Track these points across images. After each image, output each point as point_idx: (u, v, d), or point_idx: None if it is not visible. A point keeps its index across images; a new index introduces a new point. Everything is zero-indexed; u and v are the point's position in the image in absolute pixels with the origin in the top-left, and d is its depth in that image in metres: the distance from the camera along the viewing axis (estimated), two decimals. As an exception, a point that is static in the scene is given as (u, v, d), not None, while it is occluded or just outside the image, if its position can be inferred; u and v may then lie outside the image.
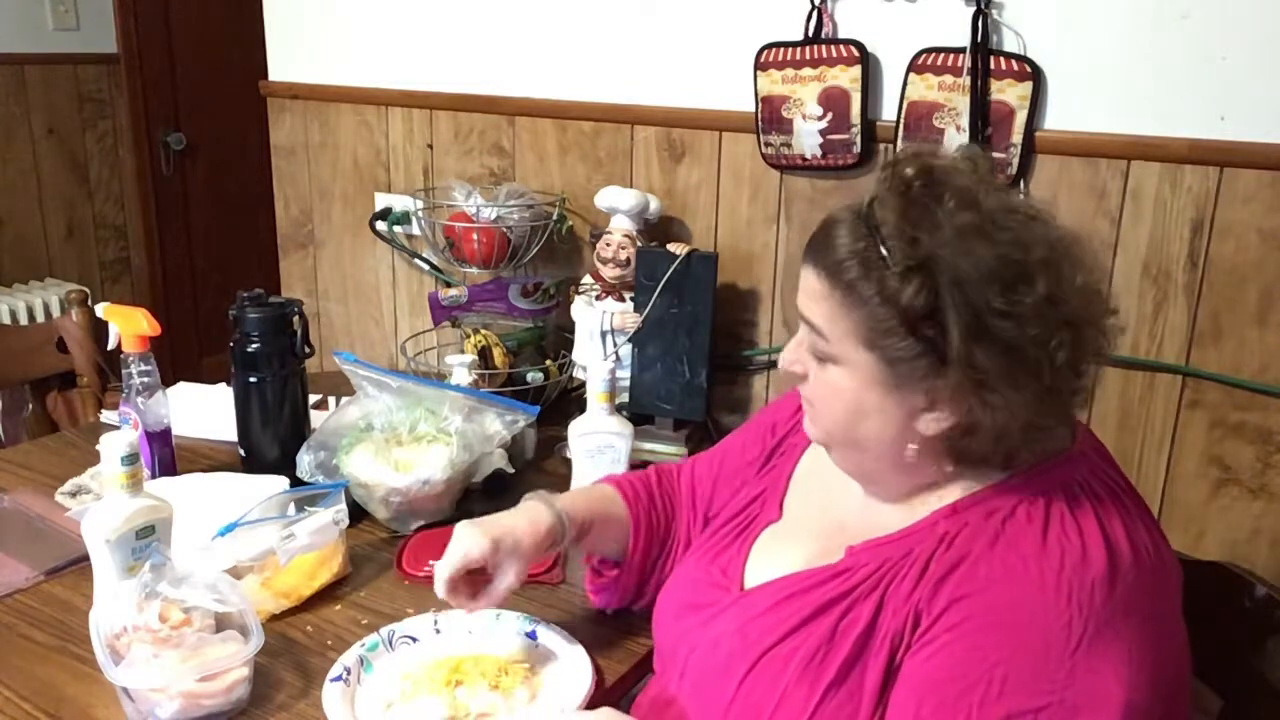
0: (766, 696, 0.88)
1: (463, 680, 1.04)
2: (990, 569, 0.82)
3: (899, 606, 0.85)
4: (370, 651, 1.10)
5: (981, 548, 0.84)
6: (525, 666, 1.08)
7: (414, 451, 1.40)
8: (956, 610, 0.82)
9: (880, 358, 0.84)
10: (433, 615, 1.15)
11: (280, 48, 2.26)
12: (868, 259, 0.83)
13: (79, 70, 3.52)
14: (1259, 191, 1.39)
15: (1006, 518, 0.84)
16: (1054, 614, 0.79)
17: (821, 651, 0.87)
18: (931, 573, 0.84)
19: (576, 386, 1.80)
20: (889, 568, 0.88)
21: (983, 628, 0.81)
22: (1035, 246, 0.82)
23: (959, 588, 0.83)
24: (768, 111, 1.66)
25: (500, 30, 1.95)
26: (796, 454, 1.07)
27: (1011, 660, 0.79)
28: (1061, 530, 0.82)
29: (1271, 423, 1.44)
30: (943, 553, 0.85)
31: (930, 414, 0.86)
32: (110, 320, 1.46)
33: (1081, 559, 0.80)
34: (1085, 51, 1.45)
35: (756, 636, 0.92)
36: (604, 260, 1.74)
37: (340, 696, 1.03)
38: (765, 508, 1.06)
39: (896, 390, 0.85)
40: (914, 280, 0.80)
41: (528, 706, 1.03)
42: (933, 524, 0.88)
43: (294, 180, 2.31)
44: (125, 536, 1.09)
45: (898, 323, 0.82)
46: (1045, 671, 0.78)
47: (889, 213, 0.83)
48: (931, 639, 0.83)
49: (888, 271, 0.81)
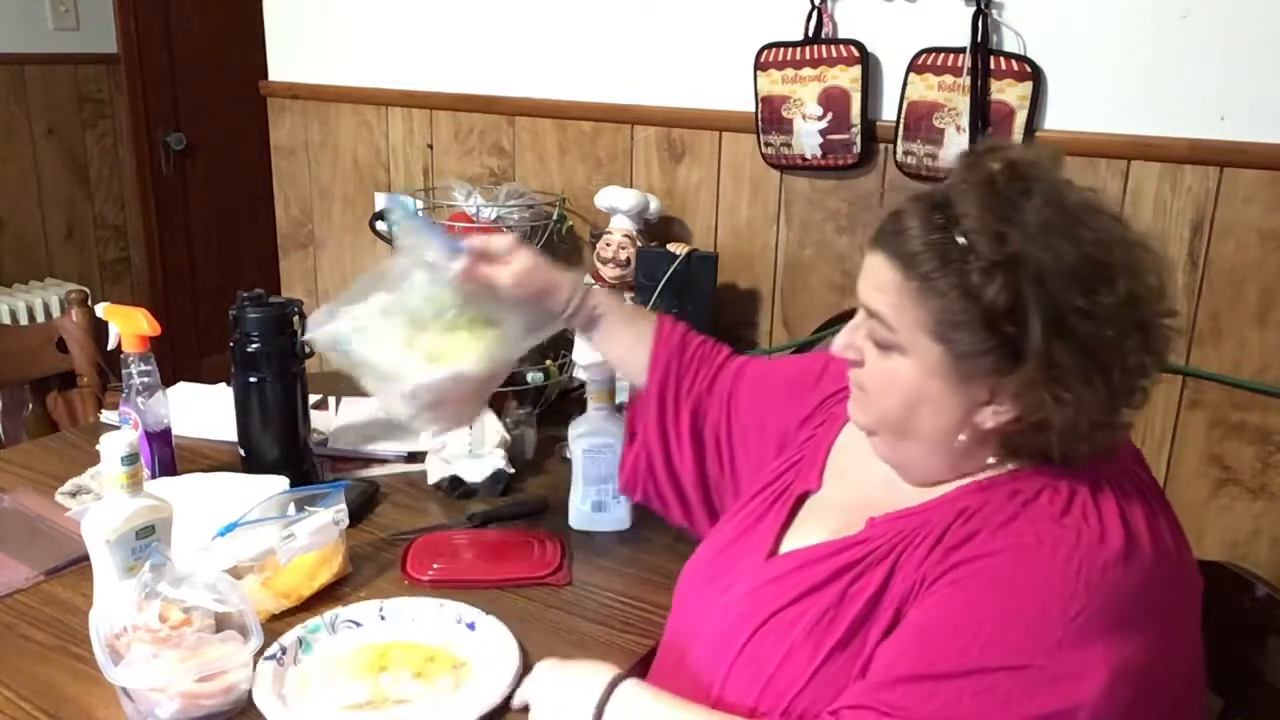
0: (770, 656, 0.89)
1: (388, 666, 1.06)
2: (1003, 539, 0.83)
3: (909, 573, 0.86)
4: (311, 633, 1.12)
5: (998, 522, 0.84)
6: (454, 656, 1.09)
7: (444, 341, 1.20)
8: (960, 569, 0.83)
9: (949, 350, 0.84)
10: (379, 602, 1.17)
11: (280, 48, 2.26)
12: (947, 252, 0.82)
13: (79, 70, 3.52)
14: (1259, 191, 1.39)
15: (1029, 500, 0.85)
16: (1057, 584, 0.79)
17: (830, 614, 0.88)
18: (945, 542, 0.86)
19: (576, 386, 1.80)
20: (904, 537, 0.89)
21: (982, 585, 0.82)
22: (1115, 246, 0.82)
23: (969, 552, 0.84)
24: (768, 111, 1.66)
25: (500, 30, 1.95)
26: (837, 425, 1.08)
27: (1003, 617, 0.79)
28: (1081, 513, 0.83)
29: (1271, 423, 1.44)
30: (959, 525, 0.86)
31: (990, 407, 0.86)
32: (110, 320, 1.46)
33: (1098, 540, 0.81)
34: (1085, 51, 1.45)
35: (768, 599, 0.93)
36: (604, 260, 1.74)
37: (270, 675, 1.04)
38: (801, 476, 1.06)
39: (959, 383, 0.85)
40: (998, 277, 0.80)
41: (450, 696, 1.04)
42: (954, 499, 0.89)
43: (294, 180, 2.31)
44: (125, 536, 1.09)
45: (975, 318, 0.82)
46: (1034, 636, 0.78)
47: (972, 206, 0.82)
48: (933, 592, 0.84)
49: (969, 266, 0.81)
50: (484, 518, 1.43)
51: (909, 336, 0.86)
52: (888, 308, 0.87)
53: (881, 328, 0.88)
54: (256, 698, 1.01)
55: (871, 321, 0.89)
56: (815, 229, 1.71)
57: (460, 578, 1.26)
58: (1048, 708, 0.77)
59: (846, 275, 1.70)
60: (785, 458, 1.11)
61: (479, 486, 1.51)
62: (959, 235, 0.82)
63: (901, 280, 0.85)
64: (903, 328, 0.86)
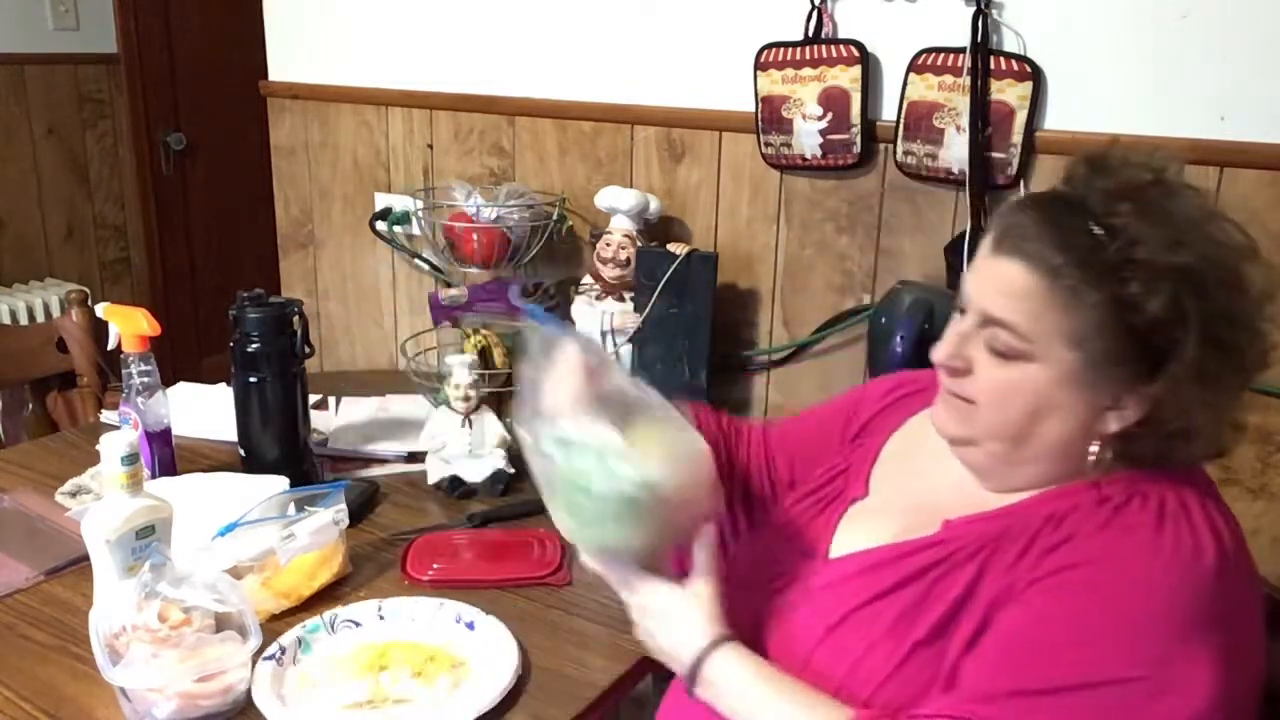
0: (851, 650, 0.88)
1: (387, 666, 1.07)
2: (1101, 546, 0.83)
3: (997, 577, 0.85)
4: (311, 633, 1.12)
5: (1093, 527, 0.84)
6: (453, 656, 1.09)
7: None
8: (1055, 578, 0.82)
9: (1084, 357, 0.83)
10: (378, 602, 1.17)
11: (280, 48, 2.26)
12: (1100, 262, 0.81)
13: (79, 70, 3.52)
14: (1259, 191, 1.39)
15: (1119, 506, 0.85)
16: (1161, 595, 0.79)
17: (913, 612, 0.88)
18: (1037, 546, 0.85)
19: (576, 386, 1.80)
20: (988, 540, 0.88)
21: (1081, 595, 0.81)
22: (1245, 252, 0.83)
23: (1064, 559, 0.83)
24: (768, 111, 1.66)
25: (500, 30, 1.95)
26: (885, 433, 1.08)
27: (1107, 629, 0.79)
28: (1175, 524, 0.83)
29: (1271, 423, 1.44)
30: (1050, 531, 0.85)
31: (1114, 412, 0.86)
32: (110, 320, 1.46)
33: (1194, 553, 0.81)
34: (1085, 51, 1.45)
35: (844, 597, 0.92)
36: (604, 260, 1.74)
37: (270, 675, 1.04)
38: (850, 483, 1.05)
39: (1089, 388, 0.85)
40: (1162, 288, 0.79)
41: (449, 695, 1.04)
42: (1037, 504, 0.89)
43: (294, 180, 2.31)
44: (125, 536, 1.09)
45: (1128, 327, 0.81)
46: (1143, 647, 0.78)
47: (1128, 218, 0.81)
48: (1027, 599, 0.83)
49: (1128, 276, 0.80)
50: (484, 518, 1.43)
51: (1044, 345, 0.84)
52: (1022, 315, 0.84)
53: (1009, 336, 0.85)
54: (256, 698, 1.01)
55: (991, 330, 0.87)
56: (815, 229, 1.71)
57: (460, 578, 1.27)
58: None
59: (846, 275, 1.70)
60: (831, 465, 1.10)
61: (479, 486, 1.51)
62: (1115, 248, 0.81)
63: (1045, 288, 0.83)
64: (1038, 336, 0.84)
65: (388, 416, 1.79)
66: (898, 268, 1.65)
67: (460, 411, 1.51)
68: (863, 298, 1.69)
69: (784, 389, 1.81)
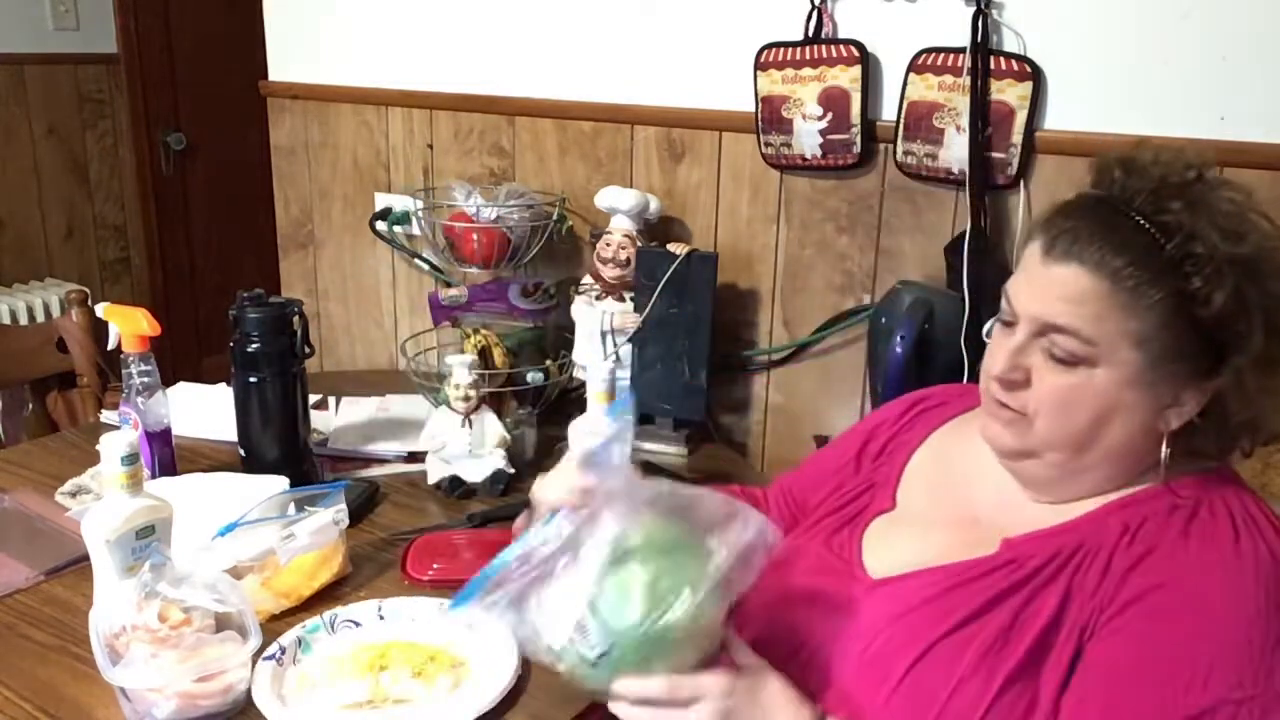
0: (939, 686, 0.85)
1: (387, 665, 1.06)
2: (1186, 559, 0.82)
3: (1085, 600, 0.84)
4: (310, 633, 1.12)
5: (1172, 540, 0.84)
6: (454, 656, 1.09)
7: None
8: (1149, 598, 0.81)
9: (1147, 355, 0.83)
10: (378, 602, 1.17)
11: (280, 48, 2.26)
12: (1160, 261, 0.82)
13: (79, 70, 3.52)
14: (1259, 191, 1.36)
15: (1190, 515, 0.85)
16: (1253, 609, 0.79)
17: (1000, 642, 0.85)
18: (1118, 563, 0.84)
19: (576, 386, 1.80)
20: (1064, 558, 0.87)
21: (1177, 613, 0.80)
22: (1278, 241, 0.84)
23: (1149, 576, 0.82)
24: (768, 111, 1.66)
25: (500, 30, 1.95)
26: (909, 448, 1.07)
27: (1213, 648, 0.78)
28: (1249, 532, 0.83)
29: (1271, 423, 1.44)
30: (1127, 544, 0.85)
31: (1174, 409, 0.86)
32: (110, 320, 1.46)
33: (1271, 559, 0.81)
34: (1085, 51, 1.45)
35: (922, 627, 0.88)
36: (604, 260, 1.74)
37: (270, 675, 1.04)
38: (876, 498, 1.04)
39: (1150, 387, 0.85)
40: (1224, 282, 0.80)
41: (449, 695, 1.04)
42: (1104, 516, 0.88)
43: (294, 180, 2.31)
44: (125, 536, 1.09)
45: (1192, 323, 0.82)
46: (1248, 664, 0.77)
47: (1184, 215, 0.82)
48: (1120, 626, 0.82)
49: (1191, 272, 0.81)
50: (484, 518, 1.43)
51: (1108, 347, 0.84)
52: (1085, 320, 0.84)
53: (1073, 341, 0.85)
54: (256, 698, 1.01)
55: (1049, 338, 0.86)
56: (815, 229, 1.71)
57: (460, 578, 1.25)
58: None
59: (846, 275, 1.70)
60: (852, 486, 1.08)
61: (479, 486, 1.51)
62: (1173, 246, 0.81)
63: (1106, 290, 0.83)
64: (1103, 338, 0.84)
65: (388, 416, 1.79)
66: (898, 268, 1.65)
67: (460, 411, 1.51)
68: (863, 298, 1.69)
69: (784, 389, 1.81)
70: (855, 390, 1.72)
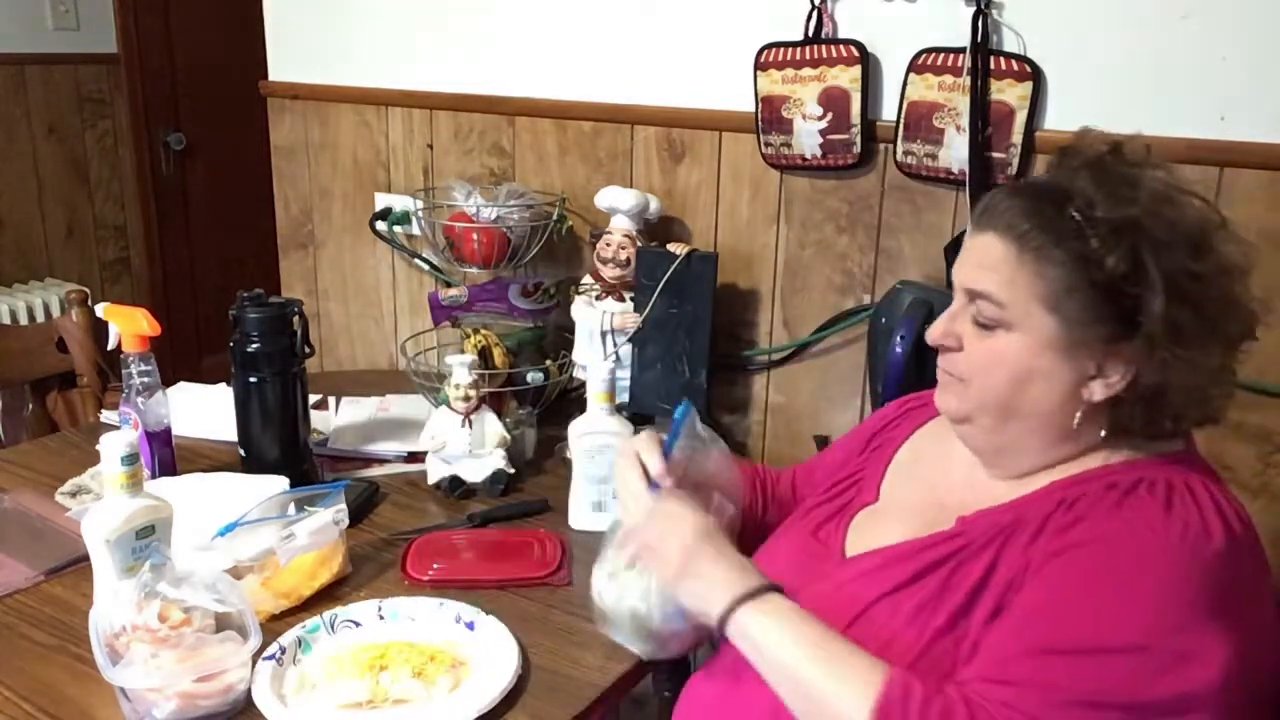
0: (871, 643, 0.89)
1: (387, 665, 1.07)
2: (1112, 524, 0.85)
3: (1012, 561, 0.88)
4: (310, 633, 1.12)
5: (1105, 510, 0.87)
6: (454, 656, 1.09)
7: None
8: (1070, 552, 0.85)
9: (1061, 320, 0.87)
10: (377, 602, 1.17)
11: (280, 48, 2.26)
12: (1062, 224, 0.86)
13: (79, 70, 3.52)
14: (1259, 191, 1.38)
15: (1127, 491, 0.87)
16: (1172, 569, 0.81)
17: (932, 603, 0.90)
18: (1049, 529, 0.88)
19: (576, 386, 1.80)
20: (1002, 529, 0.90)
21: (1097, 564, 0.83)
22: (1208, 215, 0.88)
23: (1074, 535, 0.86)
24: (768, 111, 1.66)
25: (500, 30, 1.95)
26: (896, 443, 1.11)
27: (1123, 597, 0.81)
28: (1183, 505, 0.85)
29: (1271, 423, 1.44)
30: (1061, 514, 0.88)
31: (1099, 380, 0.89)
32: (110, 320, 1.46)
33: (1203, 532, 0.83)
34: (1085, 51, 1.45)
35: (863, 590, 0.94)
36: (604, 260, 1.73)
37: (270, 675, 1.05)
38: (861, 490, 1.09)
39: (1070, 353, 0.88)
40: (1119, 242, 0.84)
41: (449, 696, 1.04)
42: (1049, 492, 0.91)
43: (294, 180, 2.31)
44: (125, 536, 1.09)
45: (1094, 285, 0.85)
46: (1155, 617, 0.80)
47: (1085, 182, 0.87)
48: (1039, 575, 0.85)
49: (1089, 235, 0.85)
50: (484, 518, 1.44)
51: (1021, 311, 0.89)
52: (998, 285, 0.89)
53: (990, 306, 0.90)
54: (256, 697, 1.01)
55: (976, 303, 0.92)
56: (815, 229, 1.71)
57: (460, 578, 1.27)
58: (1170, 691, 0.78)
59: (846, 275, 1.70)
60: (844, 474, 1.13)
61: (479, 486, 1.51)
62: (1074, 210, 0.86)
63: (1015, 254, 0.88)
64: (1015, 302, 0.89)
65: (388, 416, 1.79)
66: (898, 268, 1.65)
67: (460, 411, 1.51)
68: (863, 298, 1.69)
69: (784, 389, 1.81)
70: (855, 390, 1.73)
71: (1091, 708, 0.78)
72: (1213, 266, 0.86)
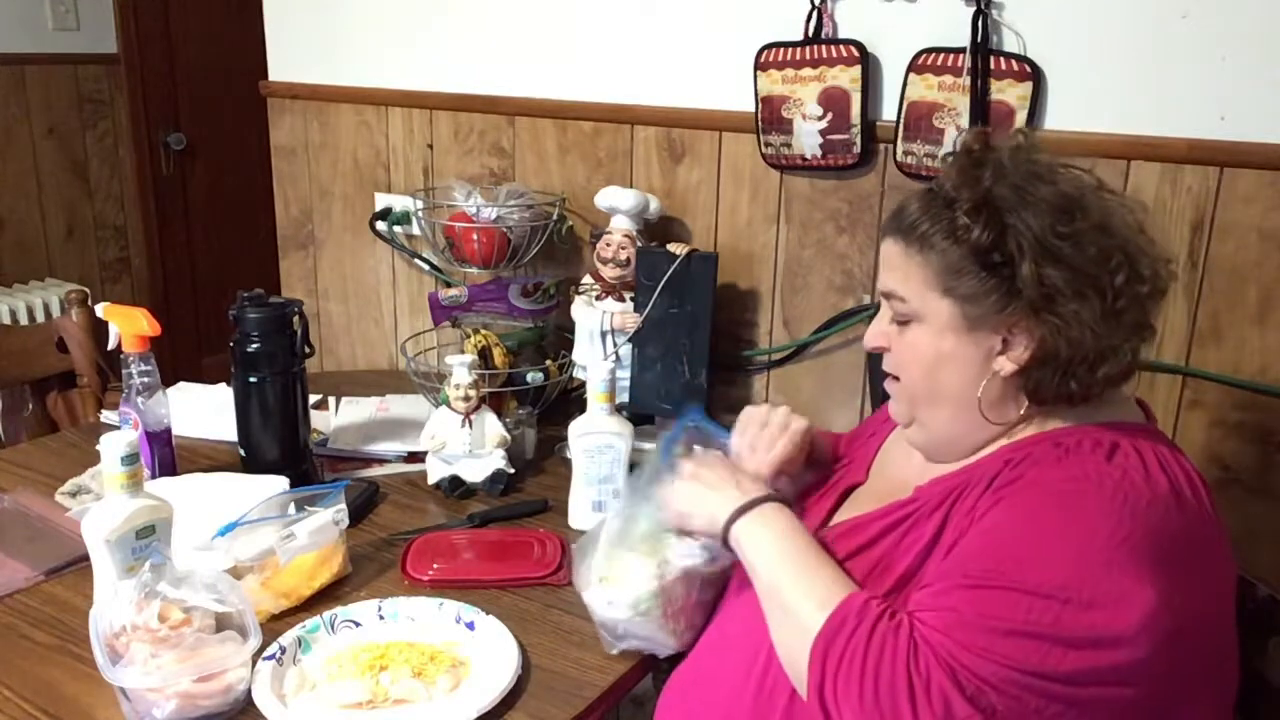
0: None
1: (387, 666, 1.07)
2: (1053, 472, 0.89)
3: (960, 519, 0.91)
4: (310, 633, 1.13)
5: (1048, 464, 0.90)
6: (454, 656, 1.10)
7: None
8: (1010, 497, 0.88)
9: (954, 300, 0.93)
10: (377, 602, 1.17)
11: (280, 48, 2.26)
12: (935, 211, 0.93)
13: (79, 70, 3.52)
14: (1259, 191, 1.39)
15: (1072, 448, 0.90)
16: (1103, 510, 0.84)
17: (881, 566, 0.95)
18: (995, 485, 0.91)
19: (576, 386, 1.80)
20: (951, 492, 0.94)
21: (1029, 506, 0.87)
22: (1085, 186, 0.93)
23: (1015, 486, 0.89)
24: (768, 111, 1.66)
25: (500, 30, 1.95)
26: (886, 432, 1.17)
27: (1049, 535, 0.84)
28: (1125, 459, 0.88)
29: (1271, 423, 1.44)
30: (1009, 471, 0.91)
31: (1005, 354, 0.93)
32: (110, 320, 1.46)
33: (1144, 479, 0.87)
34: (1085, 51, 1.45)
35: None
36: (604, 260, 1.73)
37: (270, 675, 1.05)
38: (851, 472, 1.16)
39: (971, 332, 0.93)
40: (980, 216, 0.90)
41: (448, 695, 1.04)
42: (996, 455, 0.95)
43: (294, 180, 2.31)
44: (125, 536, 1.09)
45: (968, 258, 0.91)
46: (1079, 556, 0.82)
47: (952, 171, 0.95)
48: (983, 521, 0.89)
49: (955, 214, 0.91)
50: (484, 518, 1.44)
51: (920, 301, 0.95)
52: (899, 281, 0.97)
53: (898, 303, 0.97)
54: (256, 697, 1.01)
55: (890, 303, 0.99)
56: (815, 229, 1.71)
57: (460, 578, 1.27)
58: (1092, 627, 0.80)
59: (846, 275, 1.70)
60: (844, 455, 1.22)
61: (479, 486, 1.52)
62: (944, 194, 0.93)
63: (904, 250, 0.95)
64: (913, 294, 0.95)
65: (388, 416, 1.79)
66: (898, 268, 1.65)
67: (460, 411, 1.51)
68: (863, 298, 1.69)
69: (784, 389, 1.81)
70: (855, 390, 1.73)
71: (1019, 636, 0.81)
72: (1085, 226, 0.90)
